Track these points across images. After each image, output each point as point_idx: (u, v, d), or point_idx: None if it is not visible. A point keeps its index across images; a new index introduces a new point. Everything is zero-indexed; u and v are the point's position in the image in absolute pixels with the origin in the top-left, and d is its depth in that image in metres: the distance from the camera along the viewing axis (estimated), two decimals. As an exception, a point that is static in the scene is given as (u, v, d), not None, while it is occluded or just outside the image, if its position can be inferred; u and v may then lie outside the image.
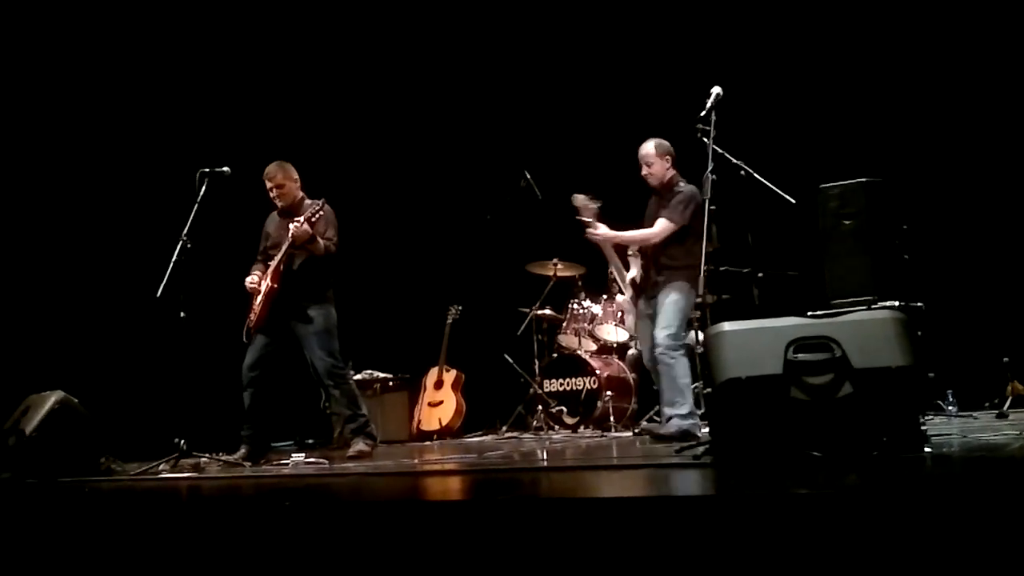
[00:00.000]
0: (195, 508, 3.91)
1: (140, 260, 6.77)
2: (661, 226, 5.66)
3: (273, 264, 5.93)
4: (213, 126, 8.02)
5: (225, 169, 5.98)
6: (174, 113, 8.14)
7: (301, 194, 6.14)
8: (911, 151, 7.01)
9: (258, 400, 5.99)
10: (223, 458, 5.87)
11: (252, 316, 5.97)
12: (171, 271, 5.70)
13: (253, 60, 8.50)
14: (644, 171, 5.78)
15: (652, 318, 5.68)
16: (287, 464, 5.77)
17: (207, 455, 5.82)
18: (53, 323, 7.49)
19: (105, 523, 3.51)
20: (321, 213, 5.82)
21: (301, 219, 5.76)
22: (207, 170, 5.95)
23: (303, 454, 6.12)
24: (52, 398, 5.58)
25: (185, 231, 5.80)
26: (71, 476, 5.25)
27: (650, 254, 5.77)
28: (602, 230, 5.81)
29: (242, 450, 5.96)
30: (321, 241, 5.88)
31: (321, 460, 5.83)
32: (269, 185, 6.07)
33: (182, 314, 5.69)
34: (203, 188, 5.91)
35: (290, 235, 5.79)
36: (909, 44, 7.26)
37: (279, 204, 6.09)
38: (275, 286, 5.90)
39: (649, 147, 5.77)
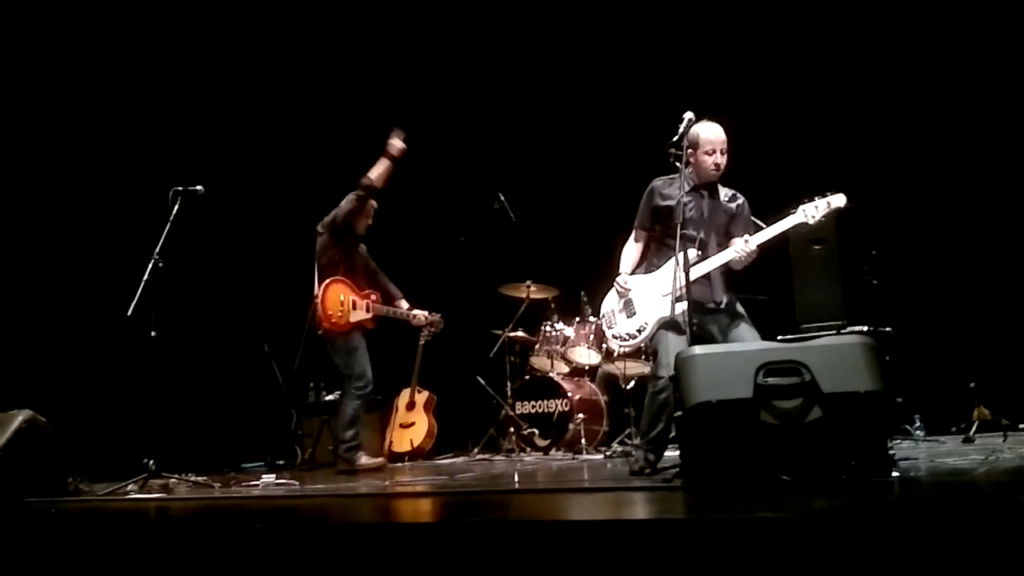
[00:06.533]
0: (164, 529, 3.88)
1: (111, 278, 6.74)
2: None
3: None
4: (187, 145, 8.00)
5: (198, 188, 5.98)
6: (147, 131, 8.11)
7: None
8: (880, 177, 7.08)
9: None
10: (192, 479, 5.83)
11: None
12: (142, 290, 5.67)
13: (228, 79, 8.49)
14: (723, 160, 4.86)
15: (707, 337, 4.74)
16: (257, 485, 5.74)
17: (176, 476, 5.77)
18: (20, 341, 7.41)
19: (72, 545, 3.47)
20: None
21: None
22: (180, 188, 5.95)
23: (273, 475, 6.09)
24: (19, 417, 5.52)
25: (157, 250, 5.78)
26: (38, 496, 5.19)
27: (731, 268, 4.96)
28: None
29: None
30: None
31: (292, 481, 5.81)
32: None
33: (153, 333, 5.67)
34: (176, 207, 5.91)
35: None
36: (879, 69, 7.36)
37: None
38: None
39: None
